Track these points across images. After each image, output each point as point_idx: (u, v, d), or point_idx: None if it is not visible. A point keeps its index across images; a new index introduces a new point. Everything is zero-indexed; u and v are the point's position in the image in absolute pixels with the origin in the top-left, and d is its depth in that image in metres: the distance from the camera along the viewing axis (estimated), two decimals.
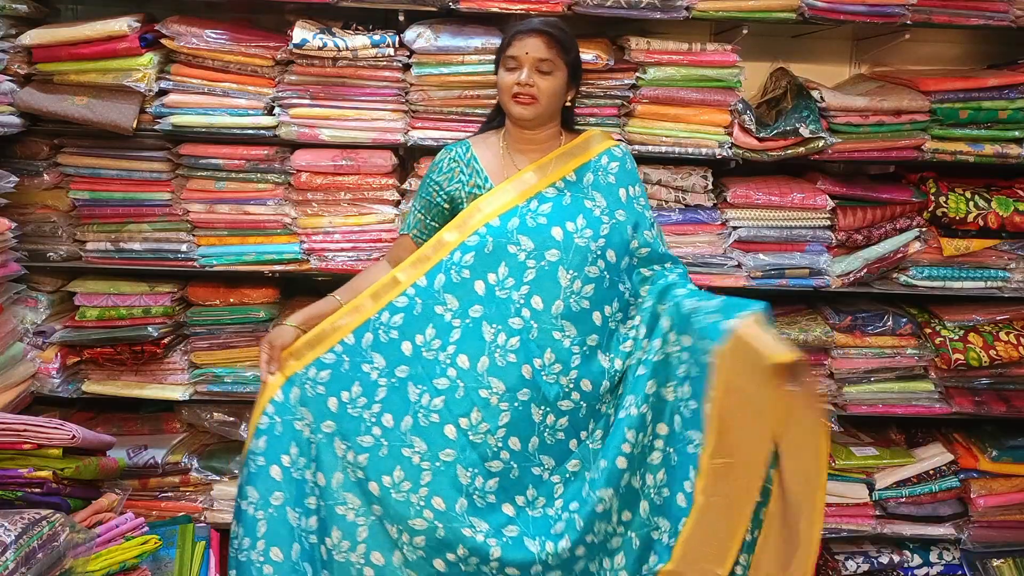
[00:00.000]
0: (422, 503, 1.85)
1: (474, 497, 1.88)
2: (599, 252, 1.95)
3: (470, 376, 1.89)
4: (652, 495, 1.89)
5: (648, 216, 2.03)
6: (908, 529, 2.73)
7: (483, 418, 1.88)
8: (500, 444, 1.89)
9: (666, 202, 2.54)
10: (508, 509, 1.91)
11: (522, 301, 1.92)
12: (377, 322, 1.93)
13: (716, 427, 1.73)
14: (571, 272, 1.92)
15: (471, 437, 1.87)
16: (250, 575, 1.81)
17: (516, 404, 1.89)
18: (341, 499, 1.90)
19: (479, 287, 1.93)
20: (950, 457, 2.72)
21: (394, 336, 1.93)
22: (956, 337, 2.60)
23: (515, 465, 1.90)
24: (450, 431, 1.88)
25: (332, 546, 1.89)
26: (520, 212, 1.95)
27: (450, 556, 1.86)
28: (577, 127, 2.18)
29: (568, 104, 2.05)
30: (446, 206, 2.06)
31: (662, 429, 1.88)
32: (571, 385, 1.92)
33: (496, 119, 2.13)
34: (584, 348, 1.93)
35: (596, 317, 1.94)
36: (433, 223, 2.07)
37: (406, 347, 1.93)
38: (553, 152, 2.03)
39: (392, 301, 1.94)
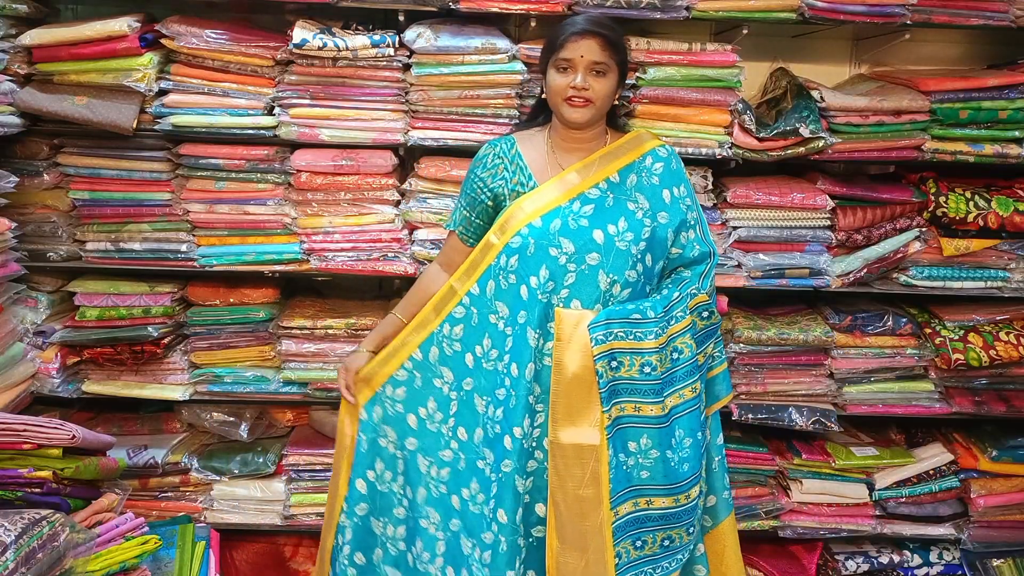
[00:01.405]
0: (490, 515, 1.95)
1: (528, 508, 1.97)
2: (639, 256, 1.95)
3: (520, 383, 1.92)
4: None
5: (692, 217, 2.03)
6: (908, 529, 2.73)
7: (534, 424, 1.93)
8: (542, 452, 1.94)
9: None
10: (541, 509, 1.98)
11: (561, 304, 1.93)
12: (440, 335, 2.02)
13: None
14: (611, 276, 1.93)
15: (524, 444, 1.92)
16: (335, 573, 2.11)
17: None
18: (424, 513, 2.06)
19: (523, 292, 1.95)
20: (950, 457, 2.72)
21: (457, 348, 2.02)
22: (956, 337, 2.60)
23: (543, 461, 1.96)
24: (508, 442, 1.94)
25: (416, 555, 2.06)
26: (562, 213, 1.94)
27: (509, 573, 1.93)
28: (623, 127, 2.18)
29: (616, 103, 2.04)
30: (490, 203, 2.04)
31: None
32: None
33: (540, 115, 2.11)
34: None
35: None
36: (478, 220, 2.07)
37: (468, 359, 2.02)
38: (598, 152, 2.01)
39: (451, 312, 2.02)
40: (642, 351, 1.85)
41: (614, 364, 1.84)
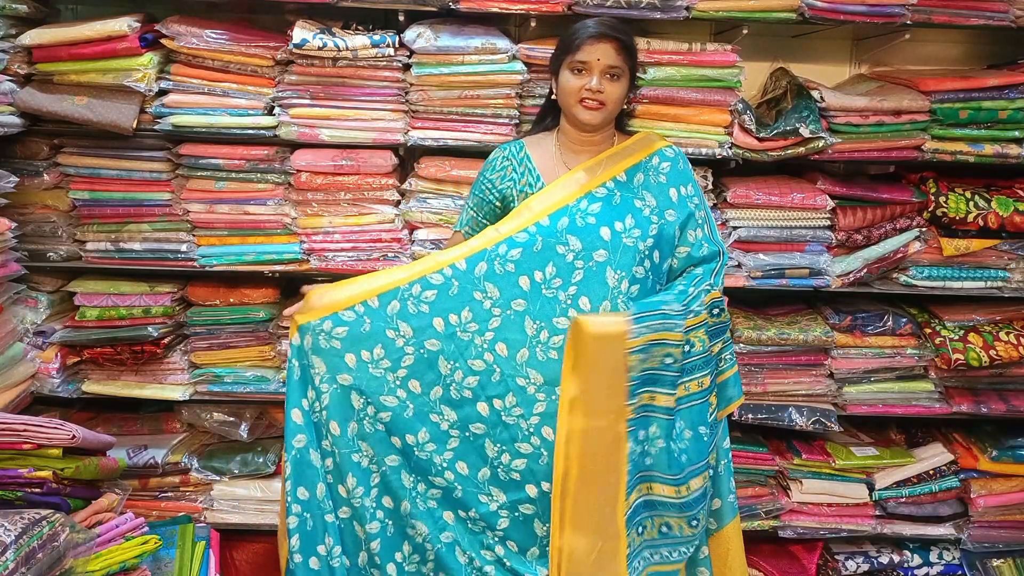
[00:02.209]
0: (445, 464, 1.95)
1: (498, 471, 1.95)
2: (646, 252, 1.96)
3: (507, 364, 1.94)
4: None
5: (700, 216, 2.04)
6: (908, 529, 2.73)
7: (517, 403, 1.93)
8: (533, 430, 1.92)
9: None
10: (531, 490, 1.95)
11: (569, 301, 1.94)
12: (407, 292, 1.95)
13: None
14: (619, 272, 1.94)
15: (503, 417, 1.93)
16: (287, 513, 1.95)
17: (553, 397, 1.90)
18: (356, 447, 1.97)
19: (524, 283, 1.95)
20: (950, 457, 2.72)
21: (424, 310, 1.96)
22: (956, 337, 2.60)
23: (545, 452, 1.92)
24: (482, 408, 1.94)
25: (348, 491, 1.96)
26: (570, 211, 1.96)
27: (461, 513, 1.96)
28: (629, 128, 2.20)
29: (624, 107, 2.06)
30: (498, 204, 2.08)
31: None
32: None
33: (547, 119, 2.14)
34: None
35: None
36: (485, 221, 2.09)
37: (438, 323, 1.96)
38: (605, 152, 2.04)
39: (426, 276, 1.96)
40: (667, 343, 1.85)
41: (643, 356, 1.83)
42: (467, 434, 1.95)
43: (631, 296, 1.95)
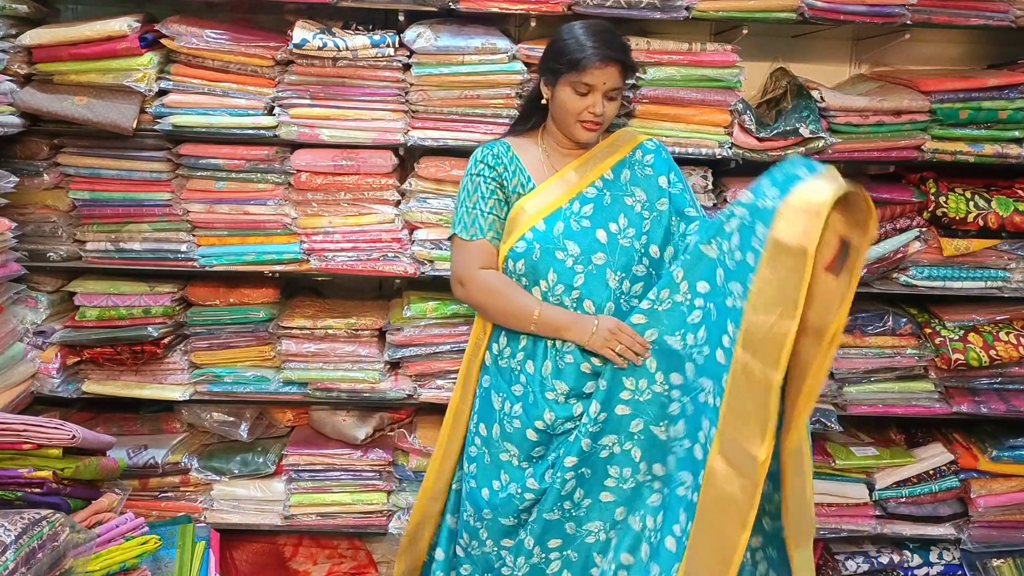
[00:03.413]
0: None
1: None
2: (643, 250, 1.99)
3: (535, 381, 1.99)
4: (694, 355, 1.86)
5: (688, 196, 2.06)
6: (908, 529, 2.73)
7: (556, 417, 1.98)
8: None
9: None
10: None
11: (573, 306, 1.96)
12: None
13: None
14: (618, 273, 1.96)
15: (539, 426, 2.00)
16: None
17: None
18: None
19: (536, 294, 1.98)
20: (950, 457, 2.72)
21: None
22: (956, 337, 2.60)
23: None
24: (533, 433, 2.00)
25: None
26: (564, 215, 1.97)
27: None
28: (612, 127, 2.22)
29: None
30: (504, 199, 2.03)
31: (703, 287, 1.86)
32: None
33: (530, 121, 2.13)
34: None
35: None
36: (502, 220, 2.04)
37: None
38: (590, 151, 2.06)
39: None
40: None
41: None
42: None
43: (634, 295, 1.97)
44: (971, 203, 2.54)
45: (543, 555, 2.01)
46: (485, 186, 2.02)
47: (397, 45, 2.39)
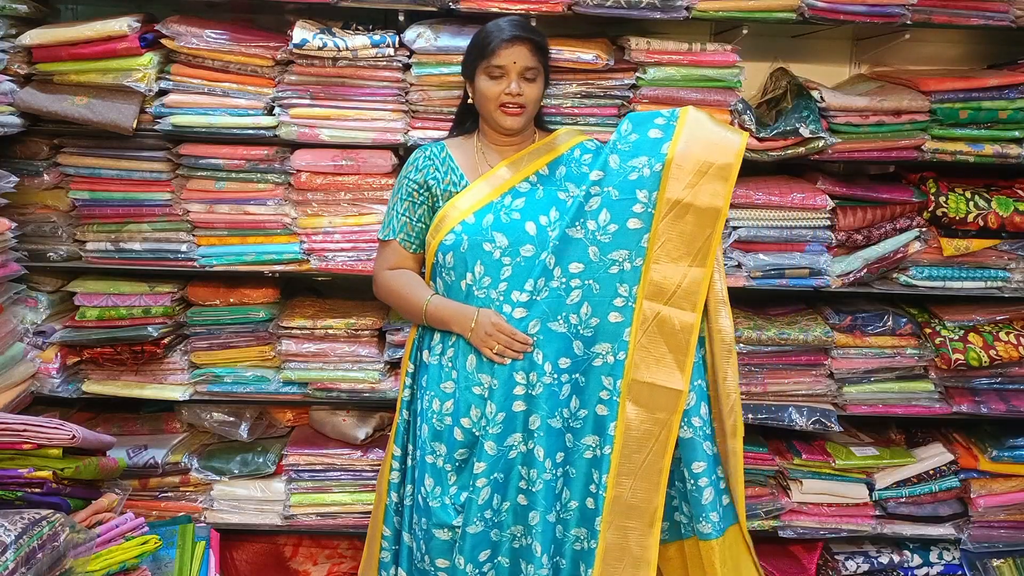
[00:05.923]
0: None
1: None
2: None
3: (462, 377, 1.98)
4: (580, 331, 1.99)
5: None
6: (908, 529, 2.73)
7: (481, 414, 1.96)
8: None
9: None
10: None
11: (501, 298, 1.96)
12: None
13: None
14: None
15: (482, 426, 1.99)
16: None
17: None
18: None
19: (463, 286, 1.99)
20: (950, 457, 2.72)
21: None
22: (956, 337, 2.60)
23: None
24: (460, 432, 1.99)
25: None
26: (495, 208, 1.98)
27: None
28: (550, 126, 2.23)
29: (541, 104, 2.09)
30: (429, 204, 2.07)
31: (576, 267, 1.98)
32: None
33: (466, 123, 2.15)
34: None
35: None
36: (419, 223, 2.08)
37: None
38: (526, 148, 2.07)
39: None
40: None
41: None
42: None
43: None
44: (971, 203, 2.54)
45: (476, 571, 1.97)
46: (405, 189, 2.07)
47: (397, 45, 2.39)
